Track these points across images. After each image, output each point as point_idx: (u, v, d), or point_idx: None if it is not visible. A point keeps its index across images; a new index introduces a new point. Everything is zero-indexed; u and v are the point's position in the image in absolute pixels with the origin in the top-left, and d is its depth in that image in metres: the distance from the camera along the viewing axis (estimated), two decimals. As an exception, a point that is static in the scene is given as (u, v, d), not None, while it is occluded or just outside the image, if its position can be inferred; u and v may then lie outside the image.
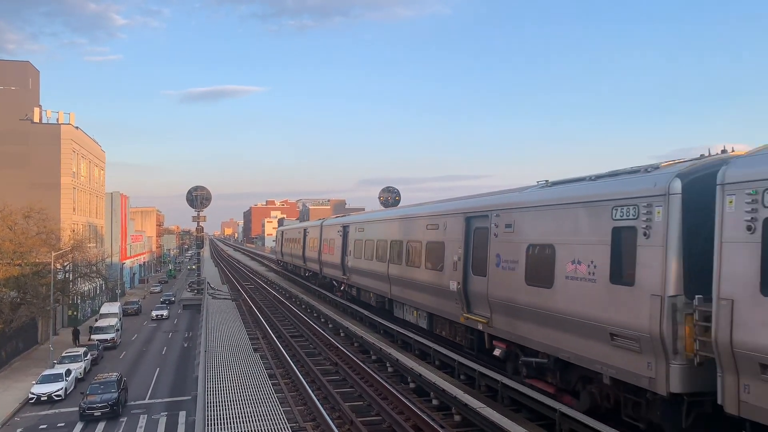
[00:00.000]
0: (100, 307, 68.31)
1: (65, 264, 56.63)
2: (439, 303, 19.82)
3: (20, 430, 32.09)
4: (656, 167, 11.38)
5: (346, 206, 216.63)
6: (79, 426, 32.31)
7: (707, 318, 9.45)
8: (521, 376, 14.99)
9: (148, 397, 37.95)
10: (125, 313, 70.32)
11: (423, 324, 22.29)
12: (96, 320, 61.27)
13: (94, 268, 63.64)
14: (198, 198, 59.12)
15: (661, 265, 10.34)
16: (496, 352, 16.04)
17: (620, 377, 11.31)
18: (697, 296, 9.75)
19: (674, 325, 10.06)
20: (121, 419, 33.20)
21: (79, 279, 61.72)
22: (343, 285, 35.26)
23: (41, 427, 32.52)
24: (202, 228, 63.13)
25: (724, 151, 11.00)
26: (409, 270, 22.71)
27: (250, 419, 15.19)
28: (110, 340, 54.16)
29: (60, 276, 54.48)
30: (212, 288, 53.14)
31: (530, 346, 14.31)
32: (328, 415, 15.47)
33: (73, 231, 63.54)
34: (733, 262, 9.07)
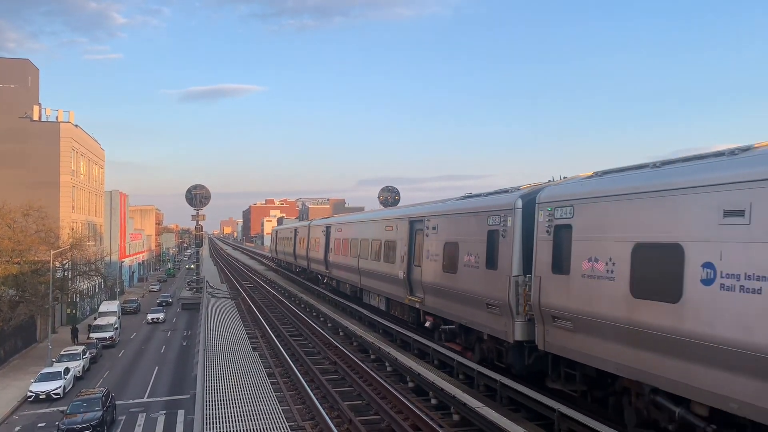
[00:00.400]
0: (98, 306, 68.30)
1: (64, 262, 56.59)
2: (392, 289, 24.72)
3: (18, 428, 32.07)
4: (517, 188, 16.23)
5: (346, 206, 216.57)
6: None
7: (541, 285, 13.84)
8: (442, 340, 19.61)
9: (146, 395, 37.93)
10: (124, 312, 70.24)
11: (383, 307, 27.18)
12: (95, 319, 61.24)
13: (93, 267, 63.62)
14: (197, 197, 59.15)
15: (510, 255, 15.14)
16: (427, 324, 20.95)
17: (492, 334, 16.02)
18: (527, 275, 14.48)
19: (517, 295, 14.68)
20: (120, 418, 33.19)
21: (78, 277, 61.68)
22: (326, 278, 40.51)
23: (39, 425, 32.49)
24: (202, 227, 63.20)
25: (560, 178, 15.84)
26: (373, 263, 27.50)
27: (249, 418, 15.19)
28: (109, 338, 54.11)
29: (59, 274, 54.45)
30: (211, 287, 53.15)
31: (447, 317, 19.15)
32: (327, 414, 15.48)
33: (72, 229, 63.47)
34: (540, 253, 13.90)
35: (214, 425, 14.67)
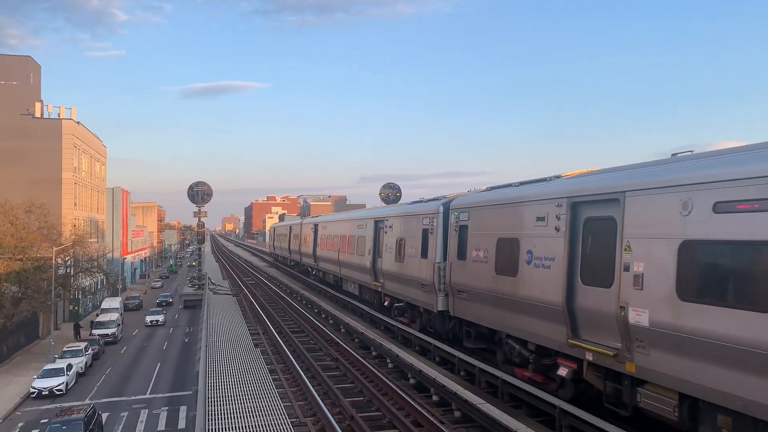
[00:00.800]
0: (101, 303, 68.41)
1: (66, 259, 56.71)
2: (363, 276, 30.24)
3: (21, 424, 32.18)
4: (444, 197, 21.48)
5: (348, 202, 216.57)
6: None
7: (447, 270, 19.34)
8: (394, 315, 25.06)
9: (148, 392, 38.03)
10: (126, 309, 70.35)
11: (356, 292, 33.05)
12: (97, 315, 61.37)
13: (95, 264, 63.73)
14: (199, 193, 59.15)
15: (435, 247, 20.46)
16: (386, 303, 26.67)
17: (426, 307, 21.25)
18: (444, 261, 19.68)
19: (438, 276, 19.88)
20: (122, 414, 33.29)
21: (80, 274, 61.81)
22: (314, 270, 46.85)
23: (42, 421, 32.58)
24: (203, 223, 63.15)
25: (473, 189, 20.82)
26: (349, 256, 32.70)
27: (251, 414, 15.23)
28: (111, 335, 54.21)
29: (61, 271, 54.55)
30: (213, 283, 53.21)
31: (398, 297, 24.66)
32: (329, 410, 15.51)
33: (74, 226, 63.57)
34: (451, 245, 19.01)
35: (216, 421, 14.71)
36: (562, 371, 13.08)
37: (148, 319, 62.66)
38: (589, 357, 12.10)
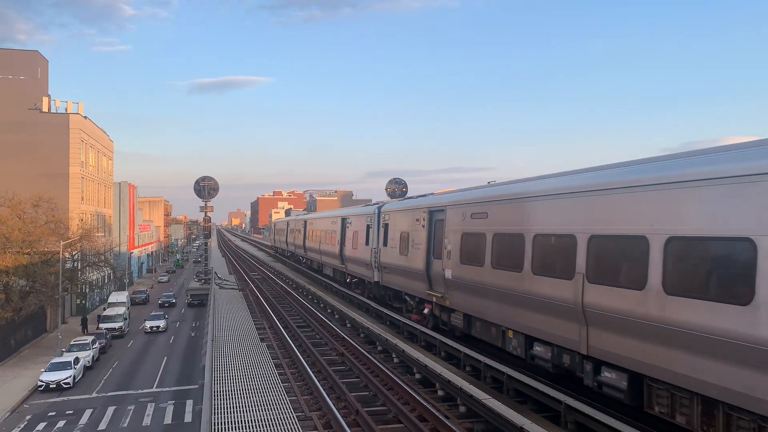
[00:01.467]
0: (108, 296, 68.72)
1: (74, 253, 56.96)
2: (335, 262, 39.23)
3: (29, 417, 32.40)
4: (383, 203, 30.12)
5: (354, 197, 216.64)
6: (87, 413, 32.60)
7: (378, 253, 27.70)
8: (352, 288, 34.34)
9: (155, 385, 38.21)
10: (133, 303, 70.65)
11: (330, 273, 42.68)
12: (104, 309, 61.66)
13: (102, 258, 63.98)
14: (205, 188, 59.21)
15: (376, 238, 28.26)
16: (348, 280, 35.91)
17: (369, 279, 29.69)
18: (382, 247, 27.02)
19: (375, 258, 27.96)
20: (129, 407, 33.47)
21: (87, 268, 62.07)
22: (304, 258, 56.54)
23: (50, 414, 32.81)
24: (210, 218, 63.23)
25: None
26: (326, 246, 41.68)
27: (257, 408, 15.28)
28: (118, 328, 54.48)
29: (68, 265, 54.83)
30: (219, 278, 53.34)
31: (355, 275, 33.55)
32: (334, 404, 15.55)
33: (82, 220, 63.88)
34: (381, 235, 27.65)
35: (223, 415, 14.77)
36: (426, 310, 22.17)
37: (148, 325, 56.16)
38: (434, 299, 20.68)
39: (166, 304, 71.54)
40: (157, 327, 56.07)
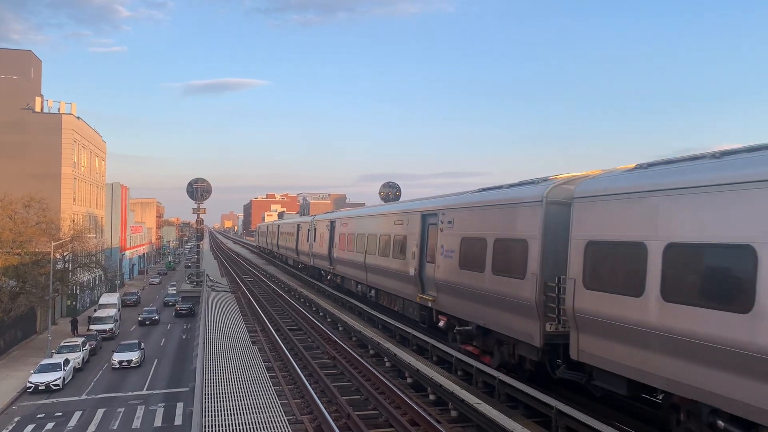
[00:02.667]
0: (99, 298, 68.39)
1: (65, 254, 56.69)
2: (305, 258, 47.02)
3: (18, 418, 32.17)
4: (332, 212, 43.10)
5: (347, 201, 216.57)
6: (76, 416, 32.41)
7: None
8: (326, 281, 39.92)
9: (145, 388, 38.04)
10: (124, 304, 70.37)
11: (299, 266, 52.92)
12: (95, 311, 61.35)
13: (94, 259, 63.70)
14: (198, 190, 59.07)
15: (328, 240, 36.47)
16: (314, 269, 42.96)
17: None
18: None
19: (330, 251, 35.35)
20: (119, 410, 33.29)
21: (78, 269, 61.78)
22: (277, 255, 71.42)
23: (39, 416, 32.60)
24: (202, 220, 63.08)
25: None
26: (294, 244, 52.33)
27: (248, 411, 15.22)
28: (109, 330, 54.25)
29: (59, 266, 54.56)
30: (211, 280, 53.18)
31: (323, 269, 39.78)
32: (325, 408, 15.50)
33: (73, 221, 63.60)
34: (330, 237, 36.05)
35: (213, 418, 14.71)
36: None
37: (116, 359, 43.23)
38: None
39: (147, 322, 60.43)
40: (128, 362, 42.89)
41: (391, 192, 66.46)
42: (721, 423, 9.34)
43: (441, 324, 19.41)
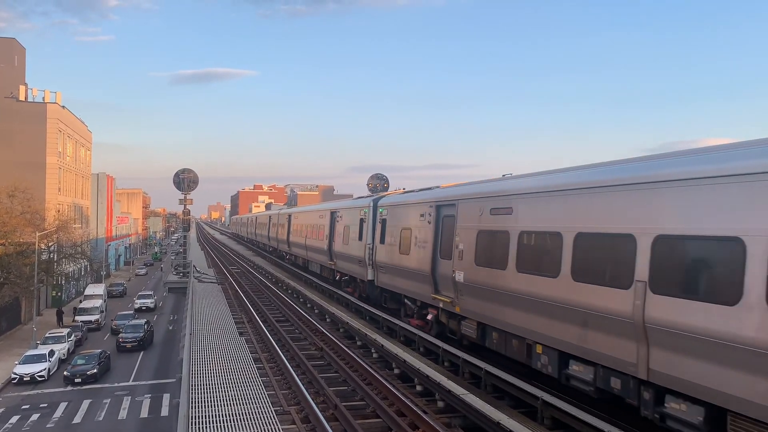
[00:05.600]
0: (84, 289, 67.94)
1: (50, 244, 56.19)
2: (281, 245, 53.95)
3: (2, 410, 31.95)
4: (288, 208, 60.41)
5: (335, 192, 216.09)
6: (61, 407, 32.24)
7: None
8: (288, 261, 51.11)
9: (131, 379, 37.90)
10: (110, 295, 69.95)
11: (270, 250, 65.19)
12: (80, 301, 60.95)
13: (79, 249, 63.20)
14: (185, 181, 58.65)
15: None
16: (287, 258, 52.26)
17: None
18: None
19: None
20: (105, 401, 33.15)
21: (63, 260, 61.29)
22: (251, 241, 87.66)
23: (23, 407, 32.40)
24: (189, 211, 62.68)
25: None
26: (266, 232, 64.07)
27: (235, 402, 15.23)
28: (94, 321, 53.95)
29: (44, 256, 54.06)
30: (198, 271, 52.97)
31: (297, 255, 45.53)
32: (313, 399, 15.55)
33: (58, 211, 62.96)
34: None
35: (200, 409, 14.70)
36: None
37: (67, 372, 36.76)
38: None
39: (126, 345, 44.54)
40: (83, 374, 36.14)
41: (379, 183, 66.30)
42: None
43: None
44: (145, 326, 47.86)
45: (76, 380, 36.23)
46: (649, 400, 10.24)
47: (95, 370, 37.03)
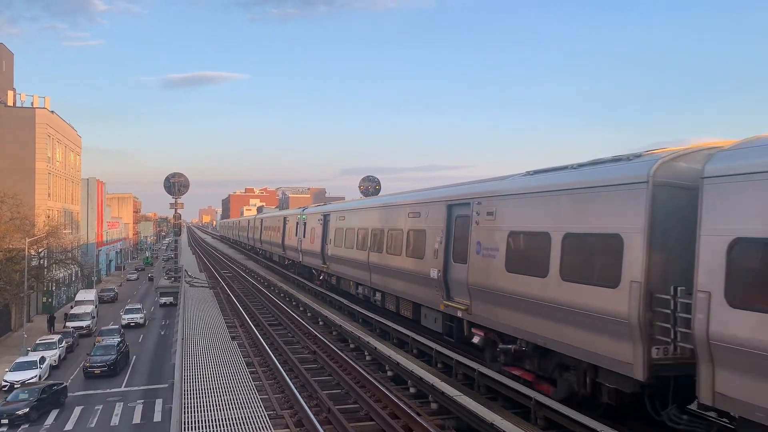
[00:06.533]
0: (75, 294, 67.53)
1: (40, 250, 55.84)
2: (253, 241, 72.95)
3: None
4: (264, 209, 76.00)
5: (327, 195, 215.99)
6: (53, 414, 32.01)
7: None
8: (260, 255, 67.27)
9: (124, 384, 37.69)
10: (101, 301, 69.57)
11: (248, 248, 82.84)
12: (71, 307, 60.57)
13: (70, 255, 62.82)
14: (176, 185, 58.47)
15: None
16: (259, 253, 68.40)
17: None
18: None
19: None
20: (97, 407, 32.94)
21: (54, 266, 60.90)
22: (235, 241, 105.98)
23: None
24: (180, 215, 62.50)
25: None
26: (252, 236, 72.12)
27: (228, 407, 15.15)
28: (86, 327, 53.61)
29: (34, 262, 53.71)
30: (190, 276, 52.78)
31: (270, 251, 57.82)
32: (306, 402, 15.49)
33: (48, 217, 62.58)
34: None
35: (193, 414, 14.62)
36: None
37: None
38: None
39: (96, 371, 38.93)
40: (12, 415, 30.47)
41: (371, 186, 66.44)
42: None
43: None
44: (119, 347, 41.84)
45: (3, 421, 30.12)
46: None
47: (26, 410, 30.49)
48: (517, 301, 13.59)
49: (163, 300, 65.12)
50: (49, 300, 65.43)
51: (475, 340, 15.92)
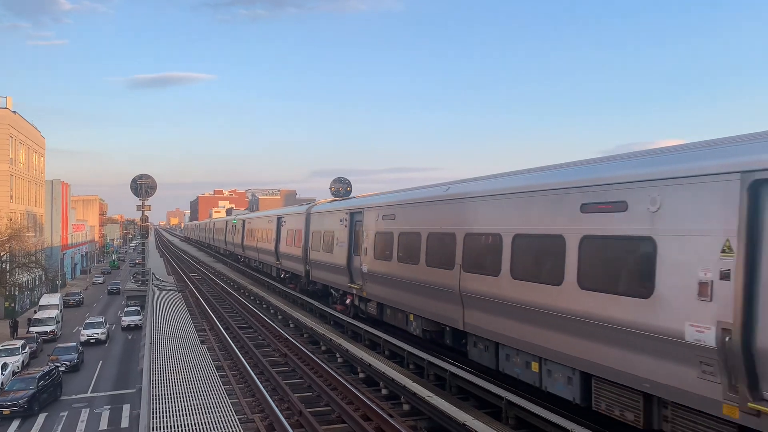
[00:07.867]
0: (39, 299, 66.00)
1: (2, 254, 54.48)
2: (218, 242, 79.19)
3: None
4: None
5: (297, 197, 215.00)
6: (15, 422, 31.21)
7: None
8: (221, 253, 77.45)
9: (90, 390, 36.95)
10: (66, 305, 68.10)
11: (212, 249, 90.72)
12: (35, 312, 59.17)
13: (33, 258, 61.40)
14: (142, 187, 57.48)
15: (226, 234, 67.96)
16: (222, 252, 78.41)
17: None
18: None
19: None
20: (62, 414, 32.24)
21: (16, 269, 59.45)
22: (199, 242, 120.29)
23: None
24: (147, 217, 61.47)
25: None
26: (212, 236, 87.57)
27: (198, 411, 14.95)
28: (50, 332, 52.40)
29: (-4, 266, 52.36)
30: (158, 279, 52.00)
31: (234, 251, 63.16)
32: (277, 406, 15.38)
33: (11, 220, 61.08)
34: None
35: (161, 420, 14.39)
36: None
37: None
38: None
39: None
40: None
41: (342, 187, 66.17)
42: None
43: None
44: (47, 377, 33.31)
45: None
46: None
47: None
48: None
49: (127, 321, 53.95)
50: (12, 305, 63.84)
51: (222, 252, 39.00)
